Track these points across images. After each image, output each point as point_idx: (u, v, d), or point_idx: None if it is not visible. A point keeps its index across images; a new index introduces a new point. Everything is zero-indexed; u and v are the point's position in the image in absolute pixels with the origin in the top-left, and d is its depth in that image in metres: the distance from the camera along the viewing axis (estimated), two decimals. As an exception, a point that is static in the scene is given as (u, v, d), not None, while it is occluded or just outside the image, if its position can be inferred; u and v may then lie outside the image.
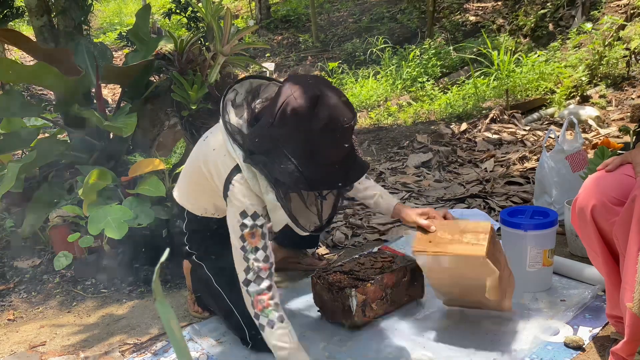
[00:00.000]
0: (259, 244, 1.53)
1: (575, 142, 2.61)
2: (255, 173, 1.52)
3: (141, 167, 2.47)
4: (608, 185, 1.48)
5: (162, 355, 1.83)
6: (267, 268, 1.53)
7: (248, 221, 1.53)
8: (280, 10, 9.78)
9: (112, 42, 9.09)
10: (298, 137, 1.40)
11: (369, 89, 6.00)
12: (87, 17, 3.19)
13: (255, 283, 1.52)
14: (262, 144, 1.46)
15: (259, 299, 1.52)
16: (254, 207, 1.53)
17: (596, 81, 4.89)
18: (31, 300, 2.36)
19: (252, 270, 1.52)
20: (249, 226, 1.52)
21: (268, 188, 1.51)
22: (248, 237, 1.52)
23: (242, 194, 1.53)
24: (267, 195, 1.52)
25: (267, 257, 1.54)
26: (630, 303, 1.33)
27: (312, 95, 1.39)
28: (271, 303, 1.53)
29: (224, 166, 1.57)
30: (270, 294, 1.53)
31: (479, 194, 3.06)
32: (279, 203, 1.49)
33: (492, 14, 7.30)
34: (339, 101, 1.42)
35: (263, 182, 1.51)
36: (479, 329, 1.80)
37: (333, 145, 1.42)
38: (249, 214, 1.53)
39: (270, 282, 1.54)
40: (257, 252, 1.53)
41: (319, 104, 1.39)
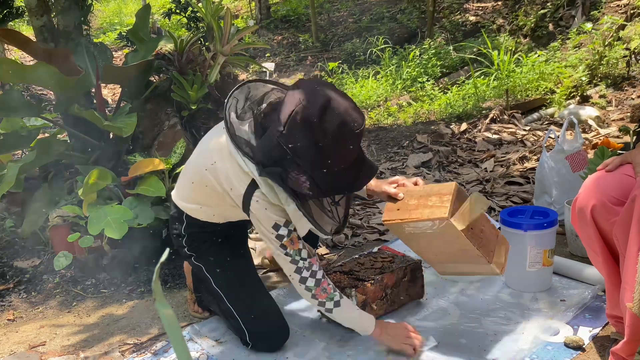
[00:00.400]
0: (300, 245, 1.60)
1: (575, 142, 2.61)
2: (273, 186, 1.53)
3: (141, 167, 2.47)
4: (608, 185, 1.48)
5: (162, 355, 1.83)
6: (316, 261, 1.62)
7: (283, 231, 1.57)
8: (280, 10, 9.77)
9: (112, 42, 9.09)
10: (310, 146, 1.40)
11: (369, 89, 5.99)
12: (87, 17, 3.19)
13: (311, 278, 1.61)
14: (273, 154, 1.45)
15: (322, 288, 1.62)
16: (283, 217, 1.57)
17: (596, 81, 4.89)
18: (31, 300, 2.36)
19: (304, 268, 1.61)
20: (285, 235, 1.58)
21: (288, 200, 1.53)
22: (288, 244, 1.59)
23: (268, 210, 1.56)
24: (288, 206, 1.55)
25: (310, 251, 1.62)
26: (630, 303, 1.33)
27: (322, 103, 1.39)
28: (332, 287, 1.63)
29: (239, 182, 1.57)
30: (327, 281, 1.63)
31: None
32: (300, 213, 1.52)
33: (492, 14, 7.30)
34: (349, 107, 1.42)
35: (282, 195, 1.53)
36: (479, 329, 1.80)
37: (345, 151, 1.43)
38: (281, 224, 1.57)
39: (322, 271, 1.63)
40: (301, 253, 1.60)
41: (328, 111, 1.39)
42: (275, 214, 1.56)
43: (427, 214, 1.59)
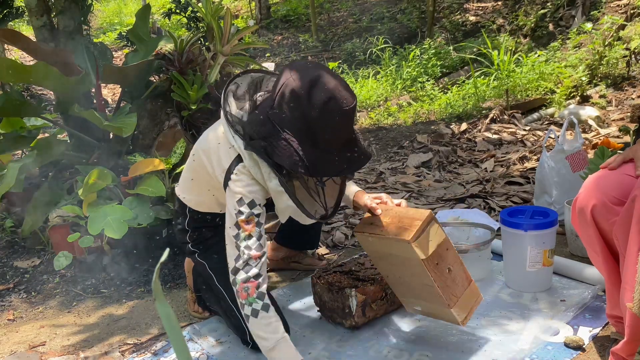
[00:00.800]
0: (253, 232, 1.51)
1: (575, 142, 2.61)
2: (257, 161, 1.50)
3: (141, 167, 2.47)
4: (608, 185, 1.48)
5: (162, 355, 1.83)
6: (258, 257, 1.50)
7: (245, 209, 1.51)
8: (280, 10, 9.78)
9: (112, 42, 9.09)
10: (297, 120, 1.40)
11: (369, 89, 5.99)
12: (87, 17, 3.19)
13: (243, 271, 1.50)
14: (262, 128, 1.45)
15: (244, 287, 1.49)
16: (252, 195, 1.52)
17: (596, 81, 4.89)
18: (31, 300, 2.36)
19: (242, 258, 1.50)
20: (245, 213, 1.51)
21: (271, 174, 1.49)
22: (243, 224, 1.50)
23: (242, 183, 1.53)
24: (270, 182, 1.51)
25: (260, 246, 1.52)
26: (630, 303, 1.33)
27: (311, 78, 1.39)
28: (256, 292, 1.49)
29: (226, 157, 1.57)
30: (257, 282, 1.49)
31: (479, 194, 3.06)
32: (282, 188, 1.48)
33: (492, 14, 7.30)
34: (338, 84, 1.41)
35: (265, 169, 1.50)
36: (479, 329, 1.80)
37: (332, 128, 1.41)
38: (246, 202, 1.52)
39: (258, 271, 1.50)
40: (249, 240, 1.51)
41: (317, 85, 1.38)
42: (245, 189, 1.52)
43: (392, 233, 1.57)
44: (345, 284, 1.85)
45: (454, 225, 2.32)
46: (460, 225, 2.31)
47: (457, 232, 2.30)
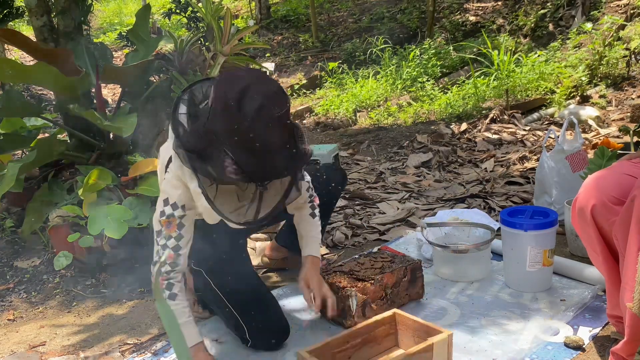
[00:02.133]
0: (173, 233, 1.59)
1: (575, 142, 2.61)
2: (184, 171, 1.54)
3: (141, 167, 2.47)
4: (608, 184, 1.48)
5: (162, 355, 1.83)
6: (172, 257, 1.59)
7: (168, 209, 1.58)
8: (280, 10, 9.77)
9: (112, 42, 9.09)
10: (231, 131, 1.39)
11: (369, 89, 5.99)
12: (87, 17, 3.18)
13: (159, 264, 1.61)
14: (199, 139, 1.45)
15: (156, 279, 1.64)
16: (175, 197, 1.57)
17: (596, 81, 4.89)
18: (31, 300, 2.36)
19: (159, 254, 1.61)
20: (166, 214, 1.58)
21: (192, 176, 1.50)
22: (164, 224, 1.58)
23: (170, 183, 1.58)
24: (191, 183, 1.54)
25: (178, 246, 1.59)
26: (630, 303, 1.33)
27: (240, 88, 1.39)
28: (165, 283, 1.60)
29: (164, 157, 1.66)
30: (167, 277, 1.60)
31: (479, 194, 3.06)
32: (199, 190, 1.47)
33: (492, 14, 7.30)
34: (268, 90, 1.41)
35: (187, 170, 1.52)
36: (479, 329, 1.80)
37: (266, 135, 1.39)
38: (170, 202, 1.58)
39: (170, 269, 1.60)
40: (169, 240, 1.59)
41: (247, 95, 1.38)
42: (172, 190, 1.57)
43: None
44: (345, 284, 1.85)
45: (454, 225, 2.32)
46: (460, 225, 2.31)
47: (457, 232, 2.30)
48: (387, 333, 1.69)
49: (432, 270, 2.23)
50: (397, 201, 3.10)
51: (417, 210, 2.93)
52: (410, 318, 1.65)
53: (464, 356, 1.66)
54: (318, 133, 5.38)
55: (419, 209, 2.94)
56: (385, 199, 3.15)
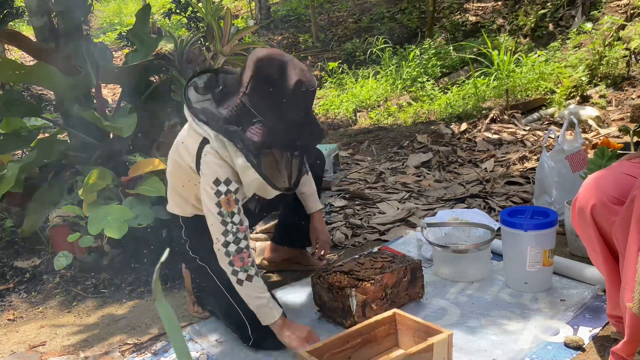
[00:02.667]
0: (235, 208, 1.62)
1: (575, 142, 2.61)
2: (224, 141, 1.60)
3: (141, 167, 2.47)
4: (608, 184, 1.48)
5: (162, 355, 1.83)
6: (244, 229, 1.64)
7: (222, 187, 1.61)
8: (280, 10, 9.78)
9: (112, 42, 9.09)
10: (271, 101, 1.56)
11: (369, 89, 5.99)
12: (87, 17, 3.18)
13: (234, 243, 1.62)
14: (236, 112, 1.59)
15: (240, 257, 1.63)
16: (226, 174, 1.62)
17: (596, 81, 4.89)
18: (31, 300, 2.36)
19: (230, 232, 1.62)
20: (223, 192, 1.61)
21: (237, 152, 1.59)
22: (224, 203, 1.61)
23: (213, 163, 1.62)
24: (236, 159, 1.60)
25: (242, 220, 1.64)
26: (630, 303, 1.33)
27: (279, 64, 1.55)
28: (250, 260, 1.64)
29: (193, 143, 1.67)
30: (249, 252, 1.64)
31: (479, 194, 3.06)
32: (248, 164, 1.58)
33: (492, 14, 7.30)
34: (303, 69, 1.58)
35: (231, 148, 1.59)
36: (479, 329, 1.80)
37: (303, 106, 1.59)
38: (222, 180, 1.61)
39: (247, 242, 1.64)
40: (234, 216, 1.62)
41: (287, 71, 1.55)
42: (219, 169, 1.61)
43: None
44: (345, 284, 1.85)
45: (454, 225, 2.32)
46: (460, 225, 2.31)
47: (457, 232, 2.30)
48: (387, 333, 1.69)
49: (432, 270, 2.23)
50: (397, 201, 3.10)
51: (417, 210, 2.93)
52: (410, 318, 1.66)
53: (464, 356, 1.66)
54: (318, 133, 5.37)
55: (419, 209, 2.94)
56: (385, 199, 3.15)
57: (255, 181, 1.62)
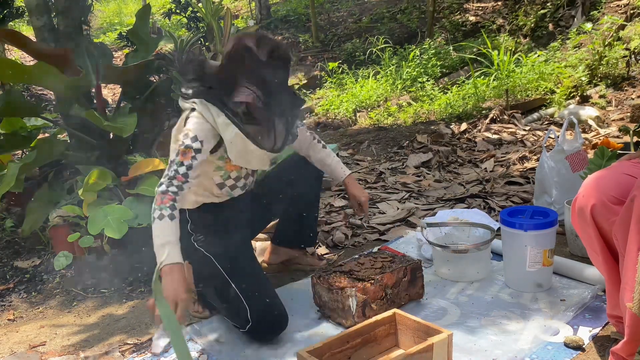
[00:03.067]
0: (186, 162, 1.73)
1: (575, 142, 2.61)
2: (206, 104, 1.77)
3: (141, 167, 2.47)
4: (607, 184, 1.48)
5: (162, 355, 1.83)
6: (182, 180, 1.72)
7: (187, 141, 1.75)
8: (280, 10, 9.78)
9: (112, 42, 9.09)
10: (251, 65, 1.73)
11: (369, 89, 5.99)
12: (87, 17, 3.19)
13: (165, 184, 1.71)
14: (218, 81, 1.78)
15: (162, 197, 1.69)
16: (196, 132, 1.76)
17: (596, 81, 4.89)
18: (31, 300, 2.36)
19: (168, 176, 1.73)
20: (185, 144, 1.74)
21: (219, 112, 1.76)
22: (181, 153, 1.74)
23: (192, 122, 1.78)
24: (218, 118, 1.76)
25: (187, 174, 1.73)
26: (630, 303, 1.33)
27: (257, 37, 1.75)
28: (169, 203, 1.69)
29: (182, 118, 1.85)
30: (173, 197, 1.70)
31: (479, 194, 3.06)
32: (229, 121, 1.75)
33: (492, 14, 7.30)
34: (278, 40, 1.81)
35: (214, 109, 1.76)
36: (479, 329, 1.80)
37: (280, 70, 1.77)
38: (190, 135, 1.75)
39: (177, 190, 1.71)
40: (180, 167, 1.73)
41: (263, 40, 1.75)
42: (195, 126, 1.76)
43: None
44: (345, 284, 1.85)
45: (454, 225, 2.32)
46: (460, 225, 2.31)
47: (457, 232, 2.30)
48: (387, 333, 1.69)
49: (432, 270, 2.23)
50: (397, 201, 3.10)
51: (417, 210, 2.93)
52: (410, 318, 1.66)
53: (464, 356, 1.66)
54: (318, 133, 5.38)
55: (419, 209, 2.94)
56: (385, 199, 3.15)
57: (236, 139, 1.76)
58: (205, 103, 1.77)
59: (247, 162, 1.86)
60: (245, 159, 1.84)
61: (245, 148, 1.79)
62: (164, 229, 1.65)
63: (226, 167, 1.90)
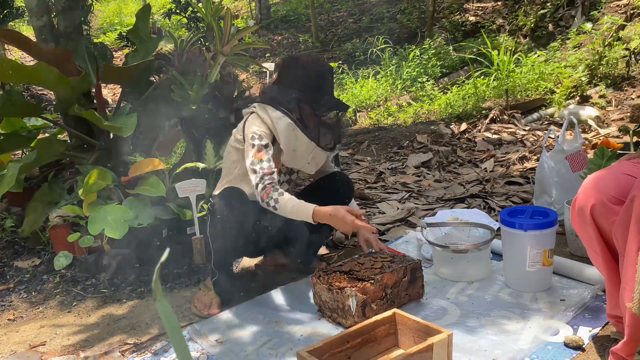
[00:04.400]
0: (263, 157, 1.95)
1: (575, 142, 2.61)
2: (264, 106, 2.00)
3: (141, 167, 2.47)
4: (607, 184, 1.48)
5: (162, 355, 1.83)
6: (269, 173, 1.93)
7: (255, 142, 1.96)
8: (280, 10, 9.78)
9: (112, 42, 9.09)
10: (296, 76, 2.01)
11: (369, 89, 6.00)
12: (87, 17, 3.19)
13: (261, 184, 1.92)
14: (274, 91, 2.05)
15: (265, 192, 1.92)
16: (259, 130, 1.98)
17: (596, 81, 4.89)
18: (31, 300, 2.36)
19: (258, 176, 1.93)
20: (256, 145, 1.96)
21: (275, 110, 1.99)
22: (255, 153, 1.95)
23: (253, 125, 1.99)
24: (272, 113, 1.99)
25: (270, 166, 1.95)
26: (630, 303, 1.33)
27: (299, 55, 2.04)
28: (272, 191, 1.91)
29: (242, 121, 2.07)
30: (271, 186, 1.92)
31: (479, 194, 3.06)
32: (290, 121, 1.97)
33: (492, 14, 7.30)
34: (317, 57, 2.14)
35: (270, 109, 2.00)
36: (479, 329, 1.80)
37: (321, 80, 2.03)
38: (256, 136, 1.97)
39: (271, 182, 1.93)
40: (262, 163, 1.94)
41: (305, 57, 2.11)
42: (255, 128, 1.98)
43: None
44: (345, 284, 1.85)
45: (454, 225, 2.32)
46: (460, 225, 2.31)
47: (457, 232, 2.30)
48: (387, 333, 1.69)
49: (432, 270, 2.23)
50: (397, 201, 3.10)
51: (417, 210, 2.93)
52: (410, 318, 1.66)
53: (464, 356, 1.66)
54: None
55: (419, 209, 2.94)
56: (385, 199, 3.15)
57: (288, 127, 1.97)
58: (263, 105, 2.01)
59: (294, 156, 2.04)
60: (292, 153, 2.02)
61: (295, 137, 1.98)
62: (286, 204, 1.89)
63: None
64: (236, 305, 2.09)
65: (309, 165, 2.11)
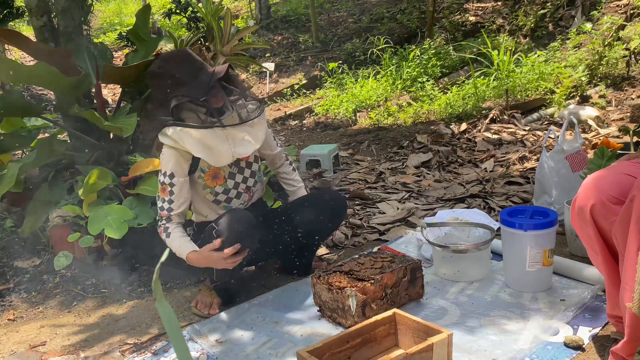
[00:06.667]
0: (165, 197, 1.99)
1: (575, 142, 2.61)
2: (163, 131, 1.94)
3: (141, 167, 2.47)
4: (607, 184, 1.48)
5: (162, 355, 1.83)
6: (165, 216, 2.00)
7: (162, 178, 1.99)
8: (280, 10, 9.78)
9: (112, 42, 9.09)
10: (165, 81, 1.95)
11: (369, 89, 6.00)
12: (87, 17, 3.19)
13: (159, 221, 2.02)
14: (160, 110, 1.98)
15: (159, 229, 2.02)
16: (164, 168, 1.98)
17: (596, 81, 4.89)
18: (31, 300, 2.36)
19: (158, 214, 2.03)
20: (161, 182, 1.99)
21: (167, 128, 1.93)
22: (160, 190, 2.00)
23: (163, 157, 1.98)
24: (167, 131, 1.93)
25: (171, 208, 1.99)
26: (630, 303, 1.34)
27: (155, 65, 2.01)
28: (164, 234, 2.00)
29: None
30: (163, 227, 2.00)
31: (479, 194, 3.06)
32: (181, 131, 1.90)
33: (492, 14, 7.30)
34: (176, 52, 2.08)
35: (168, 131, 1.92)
36: (479, 329, 1.80)
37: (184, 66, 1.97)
38: (162, 172, 1.99)
39: (165, 223, 2.00)
40: (163, 202, 1.99)
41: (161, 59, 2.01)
42: (165, 164, 1.97)
43: None
44: (345, 284, 1.85)
45: (454, 225, 2.32)
46: (460, 225, 2.31)
47: (457, 232, 2.30)
48: (387, 333, 1.69)
49: (432, 270, 2.23)
50: (397, 201, 3.10)
51: (417, 210, 2.93)
52: (410, 318, 1.66)
53: (464, 356, 1.66)
54: (318, 133, 5.38)
55: (419, 209, 2.94)
56: (385, 199, 3.15)
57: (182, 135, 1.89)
58: (163, 131, 1.95)
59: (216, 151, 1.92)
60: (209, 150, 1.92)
61: (190, 134, 1.90)
62: (171, 244, 1.97)
63: (207, 182, 2.03)
64: (236, 306, 2.09)
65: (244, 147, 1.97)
